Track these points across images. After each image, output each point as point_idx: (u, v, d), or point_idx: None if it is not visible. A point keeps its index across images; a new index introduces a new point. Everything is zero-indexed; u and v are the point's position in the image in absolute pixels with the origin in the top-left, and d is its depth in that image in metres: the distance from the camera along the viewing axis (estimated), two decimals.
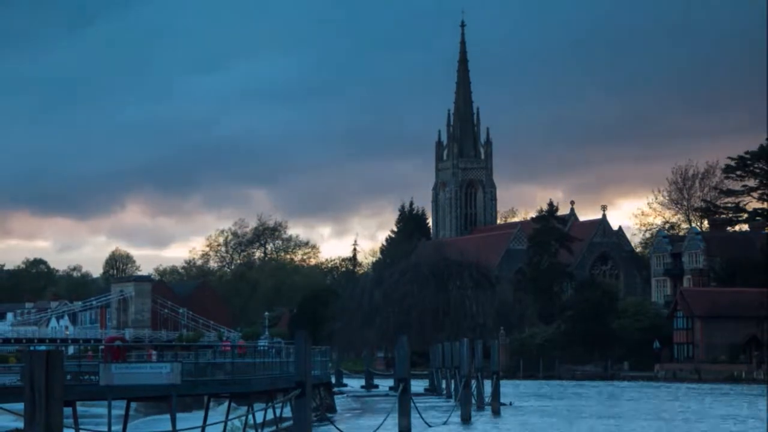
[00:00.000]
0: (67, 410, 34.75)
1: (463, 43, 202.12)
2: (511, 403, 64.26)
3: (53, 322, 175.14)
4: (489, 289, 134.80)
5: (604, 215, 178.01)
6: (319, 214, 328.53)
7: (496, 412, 56.55)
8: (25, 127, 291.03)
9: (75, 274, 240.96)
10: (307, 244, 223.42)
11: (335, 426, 33.19)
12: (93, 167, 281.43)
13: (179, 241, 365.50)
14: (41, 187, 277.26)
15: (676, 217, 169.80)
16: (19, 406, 15.61)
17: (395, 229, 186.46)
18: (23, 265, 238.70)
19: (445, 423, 47.54)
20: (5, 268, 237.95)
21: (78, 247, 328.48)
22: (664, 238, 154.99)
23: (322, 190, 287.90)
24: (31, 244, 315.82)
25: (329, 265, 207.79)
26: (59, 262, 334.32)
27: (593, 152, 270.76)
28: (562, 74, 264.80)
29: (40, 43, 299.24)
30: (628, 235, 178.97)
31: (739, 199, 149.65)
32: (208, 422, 41.45)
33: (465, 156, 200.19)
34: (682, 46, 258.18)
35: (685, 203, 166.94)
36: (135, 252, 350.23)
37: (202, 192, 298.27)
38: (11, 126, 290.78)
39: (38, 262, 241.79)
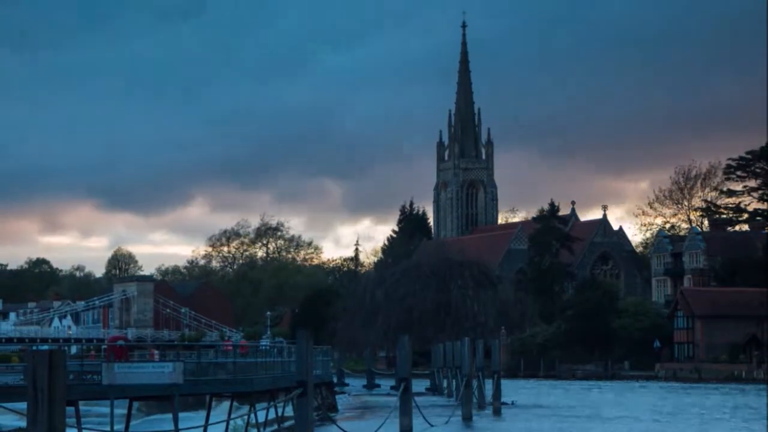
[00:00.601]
0: (70, 410, 34.95)
1: (464, 44, 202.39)
2: (513, 403, 64.41)
3: (56, 322, 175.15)
4: (490, 289, 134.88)
5: (604, 215, 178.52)
6: (385, 209, 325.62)
7: (497, 412, 56.72)
8: (110, 115, 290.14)
9: (78, 273, 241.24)
10: (310, 244, 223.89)
11: (337, 425, 33.36)
12: (170, 158, 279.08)
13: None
14: (111, 178, 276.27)
15: (676, 217, 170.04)
16: (22, 406, 15.74)
17: (396, 229, 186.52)
18: (26, 265, 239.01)
19: (446, 422, 47.64)
20: (8, 267, 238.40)
21: (129, 244, 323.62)
22: (664, 238, 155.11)
23: (389, 184, 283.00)
24: (81, 243, 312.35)
25: (331, 265, 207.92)
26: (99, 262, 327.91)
27: (594, 152, 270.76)
28: (563, 74, 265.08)
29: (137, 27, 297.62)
30: (629, 235, 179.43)
31: (740, 200, 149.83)
32: (210, 421, 41.66)
33: (466, 156, 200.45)
34: (682, 45, 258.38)
35: (686, 203, 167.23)
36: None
37: (276, 186, 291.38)
38: (97, 113, 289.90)
39: (41, 262, 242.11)
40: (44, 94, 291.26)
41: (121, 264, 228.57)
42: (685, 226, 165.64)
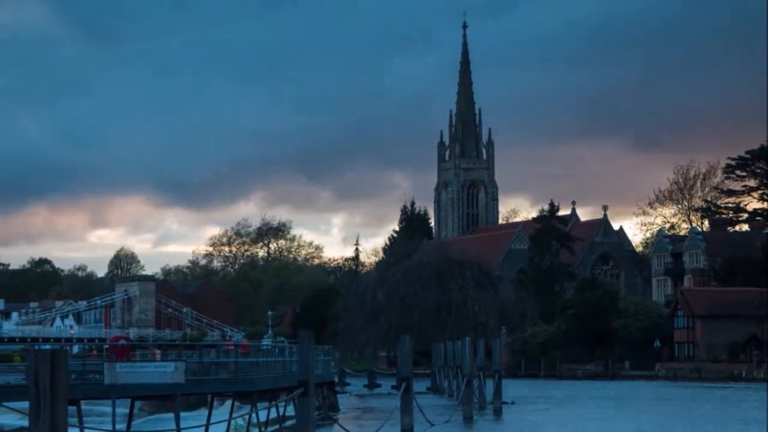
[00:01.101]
0: (72, 409, 35.21)
1: (465, 44, 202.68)
2: (513, 402, 64.52)
3: (58, 322, 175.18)
4: (491, 289, 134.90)
5: (605, 215, 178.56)
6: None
7: (498, 412, 56.85)
8: (185, 104, 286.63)
9: (79, 273, 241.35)
10: (311, 244, 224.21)
11: (338, 425, 33.55)
12: (238, 149, 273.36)
13: None
14: (170, 171, 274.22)
15: (676, 217, 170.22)
16: (24, 405, 15.84)
17: (397, 228, 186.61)
18: (28, 265, 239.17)
19: (447, 422, 47.72)
20: (10, 267, 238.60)
21: (174, 241, 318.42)
22: (664, 238, 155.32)
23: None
24: (126, 240, 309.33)
25: (332, 265, 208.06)
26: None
27: (594, 152, 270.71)
28: (564, 74, 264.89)
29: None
30: (629, 235, 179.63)
31: (740, 199, 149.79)
32: (211, 421, 41.80)
33: (467, 156, 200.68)
34: (683, 45, 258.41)
35: (685, 203, 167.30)
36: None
37: (343, 179, 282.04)
38: (171, 103, 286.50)
39: (43, 262, 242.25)
40: (117, 84, 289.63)
41: (123, 264, 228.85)
42: (685, 226, 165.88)
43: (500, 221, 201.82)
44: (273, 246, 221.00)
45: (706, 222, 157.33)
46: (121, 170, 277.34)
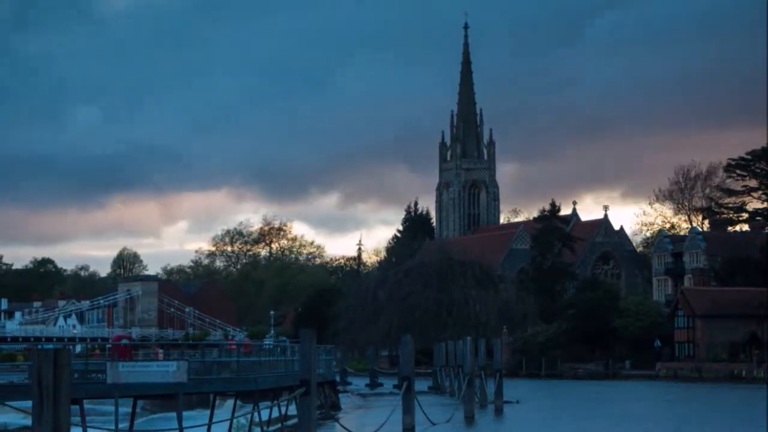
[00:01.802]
0: (75, 408, 35.46)
1: (466, 44, 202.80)
2: (517, 401, 64.65)
3: (61, 321, 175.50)
4: (492, 289, 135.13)
5: (606, 215, 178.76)
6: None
7: (499, 411, 57.09)
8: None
9: (82, 273, 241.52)
10: (312, 243, 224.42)
11: (340, 424, 33.79)
12: (340, 137, 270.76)
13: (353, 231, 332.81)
14: (261, 163, 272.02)
15: (676, 217, 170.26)
16: (27, 404, 16.07)
17: (401, 228, 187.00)
18: (31, 265, 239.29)
19: (448, 421, 47.92)
20: (14, 267, 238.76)
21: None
22: (665, 238, 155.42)
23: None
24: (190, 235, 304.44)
25: (334, 265, 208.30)
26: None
27: (594, 152, 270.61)
28: (565, 74, 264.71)
29: None
30: (630, 235, 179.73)
31: (740, 199, 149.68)
32: (214, 420, 42.06)
33: (468, 157, 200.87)
34: (684, 46, 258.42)
35: (686, 203, 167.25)
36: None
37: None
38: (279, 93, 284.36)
39: (46, 262, 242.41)
40: (238, 68, 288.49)
41: (125, 263, 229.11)
42: (685, 225, 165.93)
43: (501, 221, 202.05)
44: (275, 246, 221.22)
45: (707, 222, 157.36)
46: (213, 161, 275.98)
